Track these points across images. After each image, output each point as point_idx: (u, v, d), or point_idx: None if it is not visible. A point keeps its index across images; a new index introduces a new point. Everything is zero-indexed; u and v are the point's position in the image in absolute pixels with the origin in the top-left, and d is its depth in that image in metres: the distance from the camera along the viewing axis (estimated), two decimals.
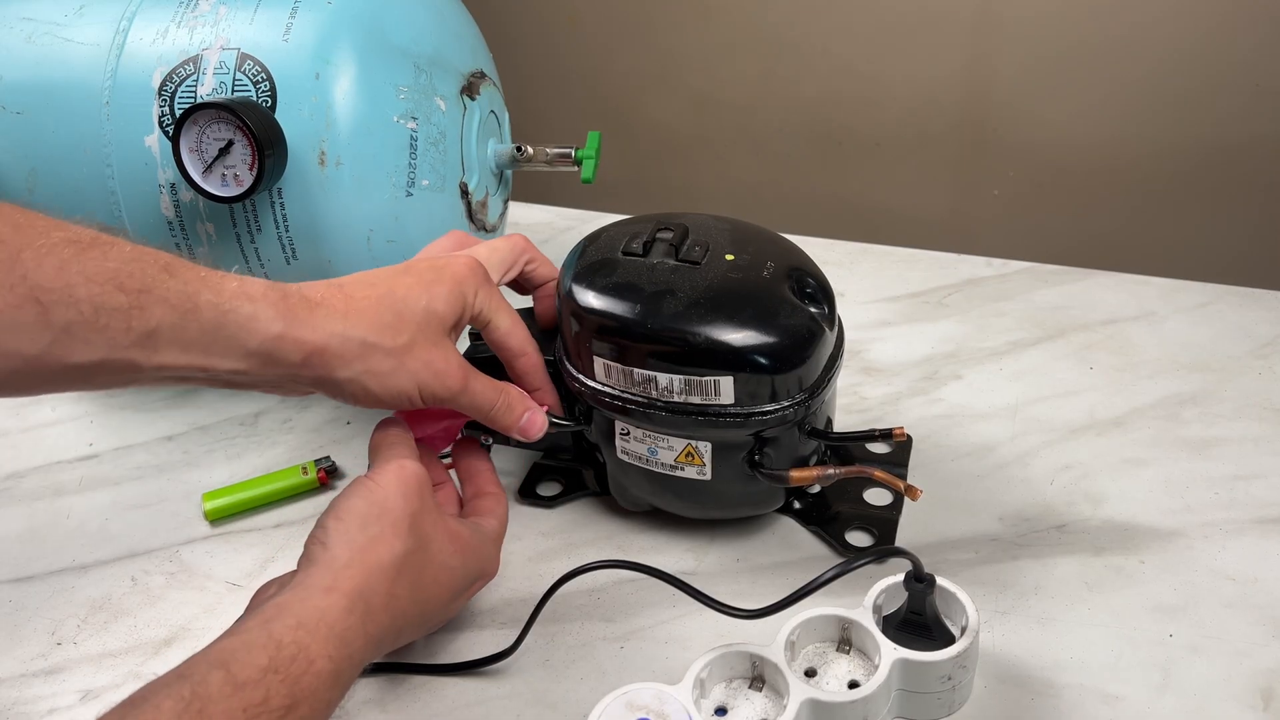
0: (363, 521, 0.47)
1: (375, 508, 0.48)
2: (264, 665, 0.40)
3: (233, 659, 0.40)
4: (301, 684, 0.41)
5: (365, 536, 0.47)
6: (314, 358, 0.49)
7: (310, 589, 0.44)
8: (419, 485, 0.50)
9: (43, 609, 0.60)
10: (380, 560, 0.46)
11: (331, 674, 0.42)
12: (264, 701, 0.39)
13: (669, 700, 0.47)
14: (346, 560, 0.46)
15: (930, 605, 0.49)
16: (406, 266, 0.55)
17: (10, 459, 0.72)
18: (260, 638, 0.41)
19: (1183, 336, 0.77)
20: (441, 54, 0.72)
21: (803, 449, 0.58)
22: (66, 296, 0.43)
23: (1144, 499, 0.62)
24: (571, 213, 1.01)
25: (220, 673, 0.39)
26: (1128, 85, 1.40)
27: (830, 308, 0.57)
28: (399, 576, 0.47)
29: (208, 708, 0.38)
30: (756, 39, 1.57)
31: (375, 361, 0.50)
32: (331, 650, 0.43)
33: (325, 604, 0.44)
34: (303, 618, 0.43)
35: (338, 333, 0.50)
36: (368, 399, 0.51)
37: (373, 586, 0.45)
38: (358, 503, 0.48)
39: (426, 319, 0.52)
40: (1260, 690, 0.50)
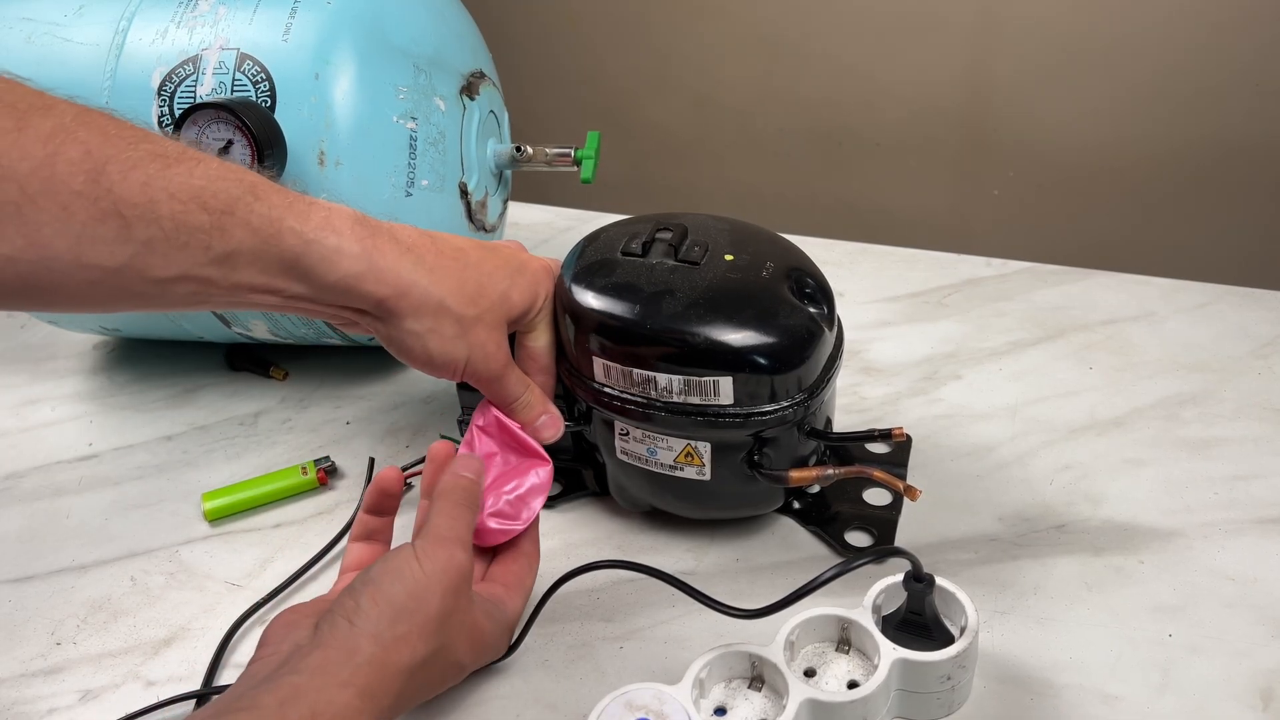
0: (395, 616, 0.45)
1: (413, 602, 0.45)
2: None
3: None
4: None
5: (392, 635, 0.44)
6: (391, 300, 0.50)
7: (328, 678, 0.43)
8: (462, 583, 0.48)
9: (43, 609, 0.60)
10: (401, 661, 0.44)
11: None
12: None
13: (668, 700, 0.47)
14: (369, 655, 0.44)
15: (930, 605, 0.49)
16: (491, 248, 0.55)
17: (10, 459, 0.72)
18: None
19: (1183, 336, 0.77)
20: (441, 54, 0.72)
21: (802, 449, 0.58)
22: (149, 212, 0.43)
23: (1144, 499, 0.62)
24: (571, 213, 1.01)
25: None
26: (1128, 86, 1.40)
27: (830, 308, 0.57)
28: (412, 678, 0.45)
29: None
30: (756, 39, 1.57)
31: (445, 324, 0.51)
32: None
33: (340, 700, 0.42)
34: (317, 710, 0.41)
35: (421, 283, 0.50)
36: (420, 356, 0.52)
37: (386, 687, 0.44)
38: (398, 590, 0.45)
39: (500, 302, 0.54)
40: (1260, 690, 0.50)
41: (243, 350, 0.80)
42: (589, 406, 0.58)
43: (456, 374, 0.53)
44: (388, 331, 0.52)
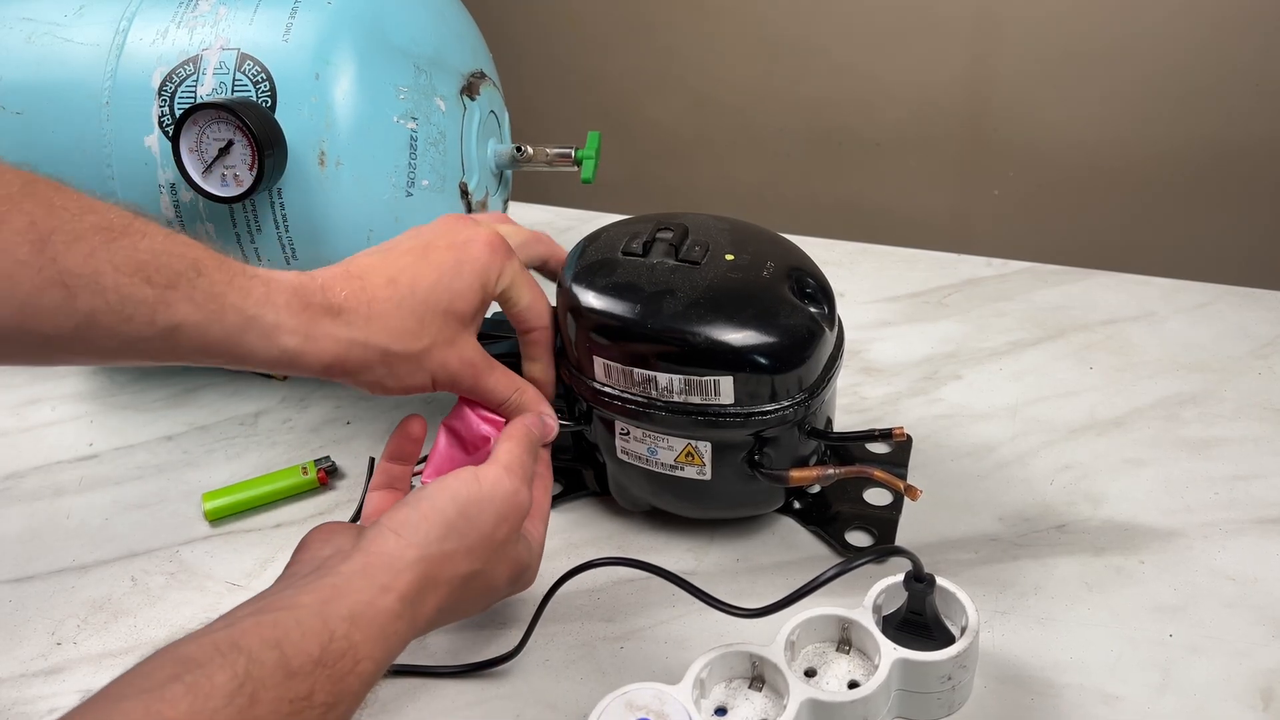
0: (444, 533, 0.45)
1: (464, 521, 0.46)
2: (315, 657, 0.39)
3: (286, 639, 0.38)
4: (345, 683, 0.40)
5: (440, 550, 0.45)
6: (334, 367, 0.50)
7: (369, 581, 0.42)
8: (519, 517, 0.48)
9: (43, 609, 0.60)
10: (444, 574, 0.45)
11: (372, 674, 0.41)
12: (309, 696, 0.38)
13: (669, 700, 0.47)
14: (412, 561, 0.44)
15: (930, 605, 0.49)
16: (426, 246, 0.54)
17: (10, 459, 0.72)
18: (315, 623, 0.40)
19: (1183, 336, 0.77)
20: (441, 54, 0.72)
21: (802, 449, 0.58)
22: (93, 284, 0.43)
23: (1144, 499, 0.62)
24: (571, 213, 1.01)
25: (275, 654, 0.38)
26: (1128, 86, 1.40)
27: (830, 308, 0.57)
28: (451, 593, 0.46)
29: (259, 693, 0.36)
30: (756, 39, 1.57)
31: (396, 367, 0.51)
32: (376, 653, 0.41)
33: (381, 604, 0.42)
34: (356, 612, 0.41)
35: (359, 341, 0.50)
36: (384, 392, 0.53)
37: (425, 599, 0.44)
38: (450, 508, 0.46)
39: (446, 318, 0.53)
40: (1260, 690, 0.50)
41: None
42: (589, 406, 0.58)
43: (430, 390, 0.54)
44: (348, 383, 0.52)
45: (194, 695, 0.35)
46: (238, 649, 0.37)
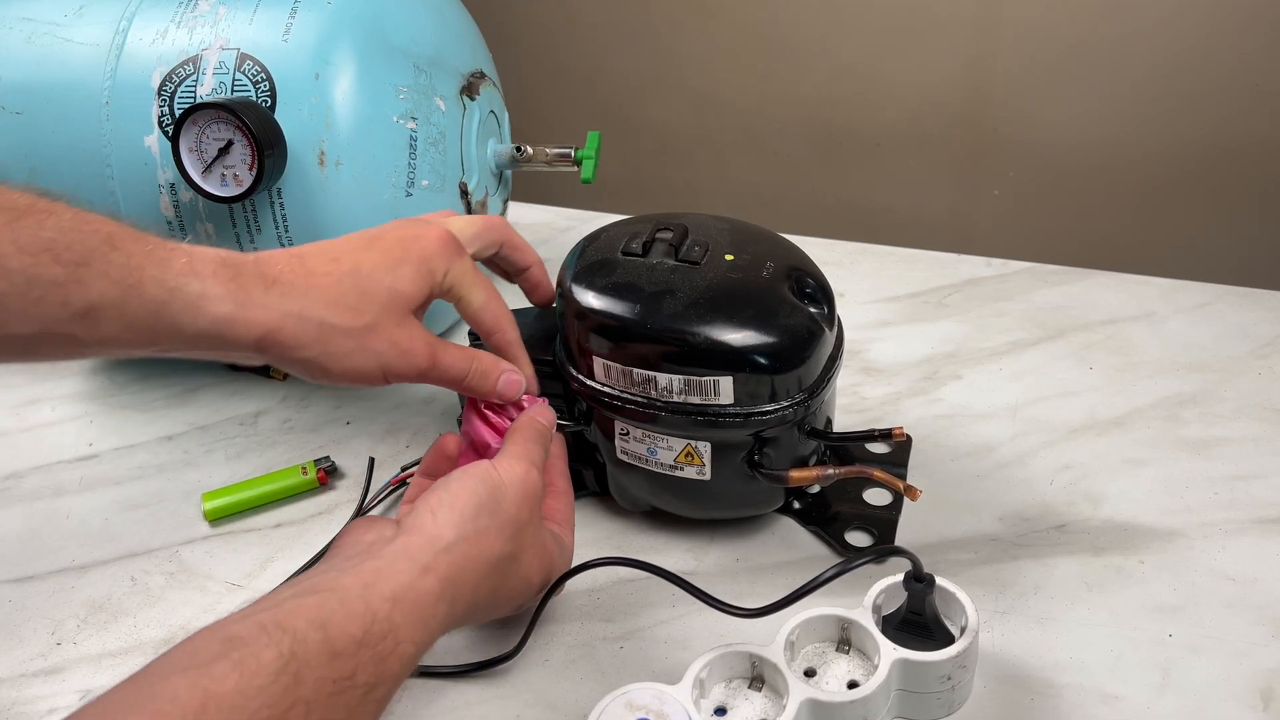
0: (476, 510, 0.46)
1: (492, 502, 0.47)
2: (358, 638, 0.39)
3: (330, 620, 0.39)
4: (386, 665, 0.40)
5: (474, 527, 0.45)
6: (266, 340, 0.48)
7: (410, 562, 0.43)
8: (535, 498, 0.49)
9: (43, 609, 0.60)
10: (480, 555, 0.45)
11: (412, 657, 0.42)
12: (351, 676, 0.39)
13: (668, 700, 0.47)
14: (450, 543, 0.44)
15: (930, 605, 0.49)
16: (373, 237, 0.53)
17: (10, 459, 0.72)
18: (359, 605, 0.40)
19: (1183, 336, 0.77)
20: (441, 54, 0.72)
21: (802, 449, 0.58)
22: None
23: (1144, 499, 0.62)
24: (571, 213, 1.01)
25: (319, 634, 0.38)
26: (1128, 85, 1.40)
27: (830, 308, 0.57)
28: (488, 577, 0.46)
29: (303, 672, 0.37)
30: (756, 39, 1.57)
31: (334, 343, 0.49)
32: (417, 635, 0.42)
33: (422, 586, 0.42)
34: (399, 594, 0.42)
35: (294, 313, 0.48)
36: (327, 378, 0.50)
37: (465, 579, 0.45)
38: (479, 489, 0.47)
39: (391, 299, 0.51)
40: (1260, 690, 0.50)
41: None
42: (589, 406, 0.58)
43: (381, 381, 0.51)
44: (284, 364, 0.50)
45: (241, 672, 0.35)
46: (283, 629, 0.37)
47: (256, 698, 0.35)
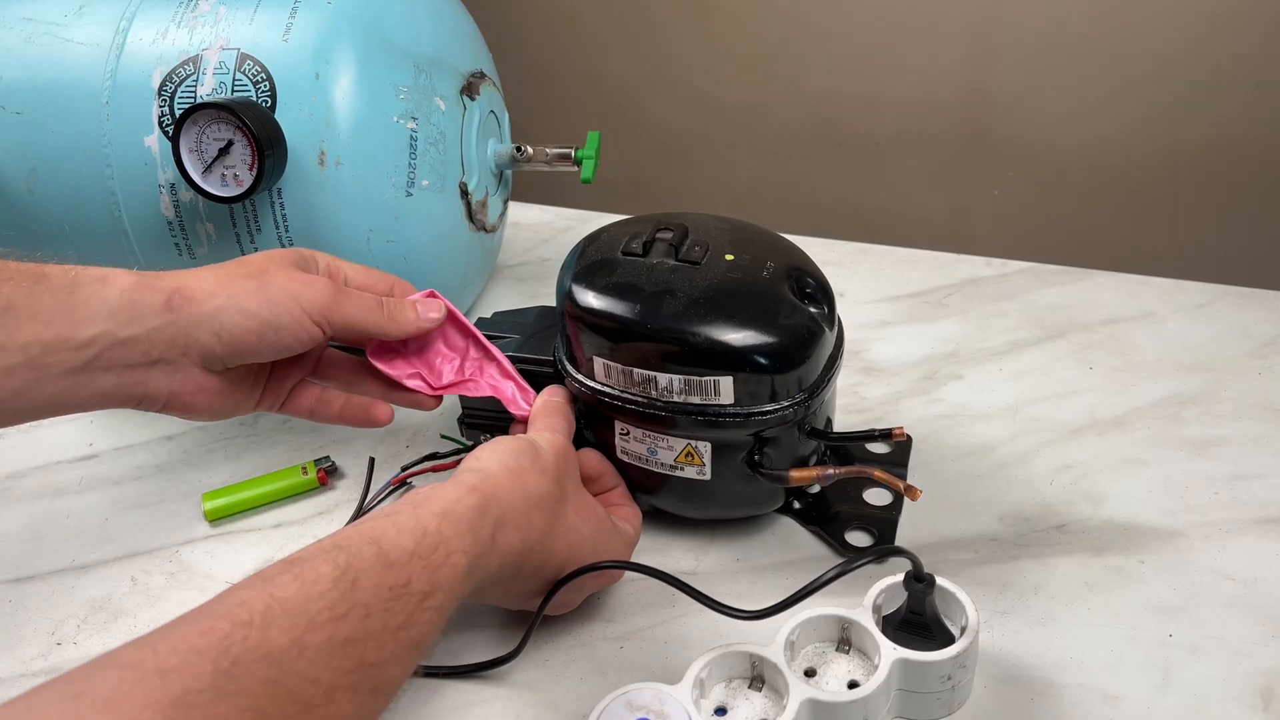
0: (517, 453, 0.50)
1: (531, 449, 0.51)
2: (410, 549, 0.42)
3: (383, 537, 0.42)
4: (440, 574, 0.43)
5: (516, 464, 0.49)
6: (175, 296, 0.51)
7: (458, 485, 0.47)
8: (567, 456, 0.53)
9: (43, 609, 0.60)
10: (523, 485, 0.49)
11: (465, 568, 0.44)
12: (407, 584, 0.41)
13: (669, 700, 0.47)
14: (494, 471, 0.48)
15: (930, 605, 0.49)
16: None
17: (10, 459, 0.72)
18: (409, 521, 0.44)
19: (1183, 336, 0.77)
20: (441, 54, 0.72)
21: (802, 449, 0.58)
22: None
23: (1144, 499, 0.62)
24: (571, 213, 1.01)
25: (373, 548, 0.41)
26: (1128, 85, 1.40)
27: (830, 308, 0.57)
28: (537, 506, 0.49)
29: (360, 579, 0.40)
30: (757, 39, 1.57)
31: (237, 285, 0.52)
32: (466, 545, 0.44)
33: (468, 501, 0.46)
34: (447, 508, 0.45)
35: (191, 275, 0.52)
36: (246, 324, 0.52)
37: (512, 501, 0.48)
38: (515, 442, 0.51)
39: (269, 258, 0.54)
40: (1260, 690, 0.50)
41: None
42: (590, 406, 0.58)
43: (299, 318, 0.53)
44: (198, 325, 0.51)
45: (301, 581, 0.39)
46: (339, 547, 0.41)
47: (317, 601, 0.38)
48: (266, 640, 0.36)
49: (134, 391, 0.52)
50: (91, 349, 0.49)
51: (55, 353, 0.48)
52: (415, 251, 0.70)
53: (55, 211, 0.68)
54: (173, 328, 0.51)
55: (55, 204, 0.68)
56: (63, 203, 0.68)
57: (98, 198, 0.67)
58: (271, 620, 0.37)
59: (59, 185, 0.68)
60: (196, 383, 0.53)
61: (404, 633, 0.41)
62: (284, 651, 0.36)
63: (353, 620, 0.39)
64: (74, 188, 0.67)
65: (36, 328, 0.47)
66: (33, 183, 0.68)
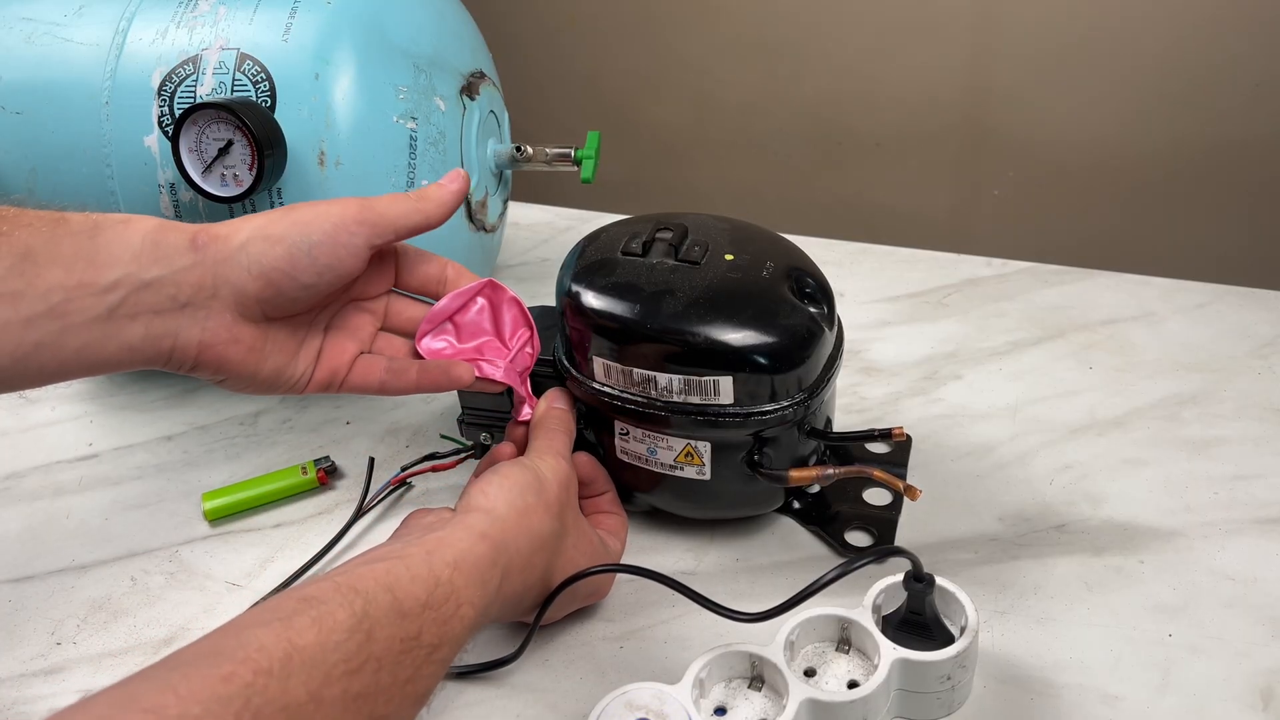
0: (522, 489, 0.50)
1: (536, 482, 0.51)
2: (423, 600, 0.42)
3: (398, 585, 0.42)
4: (449, 626, 0.43)
5: (523, 502, 0.49)
6: (201, 235, 0.48)
7: (469, 530, 0.46)
8: (570, 484, 0.53)
9: (43, 609, 0.60)
10: (530, 528, 0.49)
11: (473, 620, 0.44)
12: (418, 636, 0.41)
13: (668, 700, 0.47)
14: (503, 515, 0.48)
15: (930, 605, 0.49)
16: None
17: (10, 459, 0.72)
18: (423, 569, 0.43)
19: (1183, 336, 0.77)
20: (441, 54, 0.72)
21: (802, 449, 0.58)
22: None
23: (1144, 499, 0.62)
24: (571, 213, 1.01)
25: (388, 596, 0.41)
26: (1128, 85, 1.40)
27: (830, 308, 0.57)
28: (540, 549, 0.49)
29: (375, 630, 0.39)
30: (756, 39, 1.57)
31: (262, 219, 0.50)
32: (475, 598, 0.44)
33: (479, 550, 0.45)
34: (460, 559, 0.44)
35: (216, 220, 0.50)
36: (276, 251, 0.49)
37: (518, 548, 0.48)
38: (521, 474, 0.51)
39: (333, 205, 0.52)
40: (1260, 690, 0.50)
41: None
42: (589, 406, 0.58)
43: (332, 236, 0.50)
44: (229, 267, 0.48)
45: (319, 627, 0.38)
46: (356, 591, 0.40)
47: (334, 652, 0.38)
48: (286, 692, 0.36)
49: (163, 344, 0.48)
50: (116, 293, 0.46)
51: (79, 299, 0.45)
52: None
53: None
54: (199, 268, 0.48)
55: (55, 204, 0.68)
56: (63, 203, 0.68)
57: (98, 198, 0.67)
58: (291, 671, 0.36)
59: (59, 185, 0.68)
60: (230, 331, 0.49)
61: (411, 685, 0.40)
62: (302, 706, 0.36)
63: (366, 674, 0.38)
64: (74, 188, 0.67)
65: (57, 273, 0.45)
66: (33, 183, 0.68)
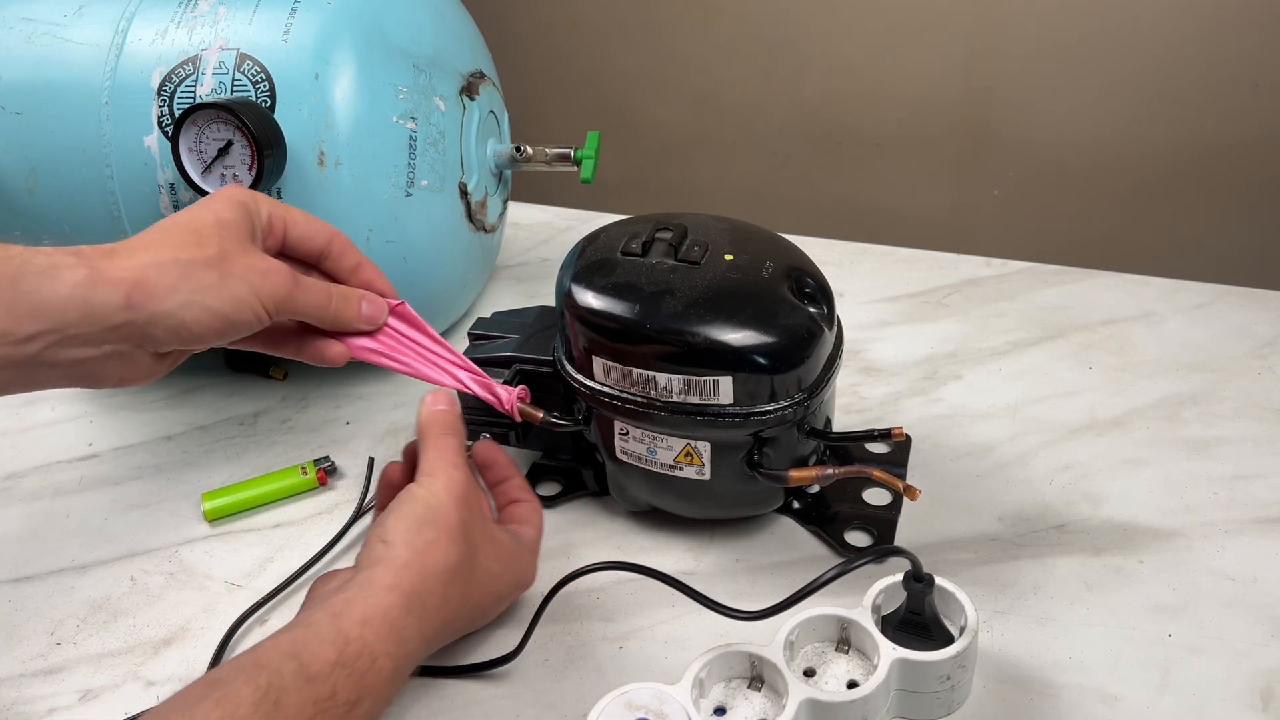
0: (420, 525, 0.49)
1: (432, 513, 0.49)
2: (333, 660, 0.42)
3: (304, 650, 0.42)
4: (366, 680, 0.42)
5: (422, 540, 0.48)
6: (135, 293, 0.48)
7: (375, 586, 0.46)
8: (468, 495, 0.51)
9: (42, 609, 0.60)
10: (436, 564, 0.48)
11: (392, 670, 0.44)
12: (331, 696, 0.41)
13: (668, 700, 0.47)
14: (406, 560, 0.47)
15: (929, 605, 0.49)
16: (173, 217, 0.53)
17: (10, 459, 0.72)
18: (329, 631, 0.43)
19: (1183, 336, 0.77)
20: (441, 54, 0.72)
21: (802, 449, 0.58)
22: None
23: (1144, 499, 0.62)
24: (571, 213, 1.01)
25: (293, 664, 0.41)
26: (1128, 85, 1.40)
27: (829, 308, 0.57)
28: (452, 581, 0.48)
29: (282, 699, 0.39)
30: (757, 39, 1.57)
31: (198, 278, 0.49)
32: (392, 648, 0.44)
33: (388, 602, 0.45)
34: (368, 614, 0.44)
35: (149, 262, 0.48)
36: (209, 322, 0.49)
37: (429, 588, 0.47)
38: (416, 507, 0.49)
39: (223, 228, 0.51)
40: (1260, 690, 0.50)
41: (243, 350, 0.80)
42: (589, 406, 0.58)
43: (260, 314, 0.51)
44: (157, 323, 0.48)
45: (222, 709, 0.38)
46: (259, 665, 0.40)
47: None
48: None
49: (83, 381, 0.50)
50: (35, 344, 0.46)
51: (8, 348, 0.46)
52: (415, 251, 0.70)
53: (55, 212, 0.68)
54: (130, 326, 0.48)
55: (55, 204, 0.68)
56: (62, 203, 0.68)
57: (97, 198, 0.67)
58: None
59: (59, 185, 0.68)
60: (149, 368, 0.51)
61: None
62: None
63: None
64: (74, 188, 0.67)
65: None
66: (33, 183, 0.68)
